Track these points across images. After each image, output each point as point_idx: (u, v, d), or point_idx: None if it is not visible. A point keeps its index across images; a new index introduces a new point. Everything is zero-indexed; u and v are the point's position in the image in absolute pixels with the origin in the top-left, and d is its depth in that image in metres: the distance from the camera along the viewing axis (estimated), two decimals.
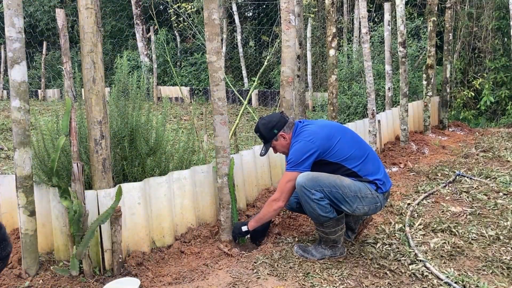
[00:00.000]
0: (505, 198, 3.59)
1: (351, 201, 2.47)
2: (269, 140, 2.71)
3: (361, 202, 2.49)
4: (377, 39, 8.35)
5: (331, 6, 4.19)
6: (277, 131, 2.66)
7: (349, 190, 2.47)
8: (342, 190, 2.46)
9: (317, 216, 2.49)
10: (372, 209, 2.55)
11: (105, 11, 15.45)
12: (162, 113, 3.28)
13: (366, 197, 2.50)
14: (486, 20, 8.01)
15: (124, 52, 3.65)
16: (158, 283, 2.41)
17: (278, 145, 2.72)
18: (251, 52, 14.53)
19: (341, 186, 2.46)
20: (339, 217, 2.55)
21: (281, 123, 2.67)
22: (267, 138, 2.70)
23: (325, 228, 2.54)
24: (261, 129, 2.70)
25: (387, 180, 2.60)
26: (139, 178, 2.98)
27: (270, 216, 2.67)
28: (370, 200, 2.51)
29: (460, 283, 2.29)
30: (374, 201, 2.52)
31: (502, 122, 7.47)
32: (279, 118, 2.69)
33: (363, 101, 6.96)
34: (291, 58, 3.30)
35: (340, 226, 2.57)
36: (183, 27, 10.05)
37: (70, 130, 2.39)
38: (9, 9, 2.28)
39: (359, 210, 2.51)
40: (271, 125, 2.67)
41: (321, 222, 2.52)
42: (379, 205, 2.56)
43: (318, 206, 2.46)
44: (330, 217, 2.49)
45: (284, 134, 2.66)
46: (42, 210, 2.61)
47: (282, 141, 2.68)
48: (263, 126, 2.70)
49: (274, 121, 2.67)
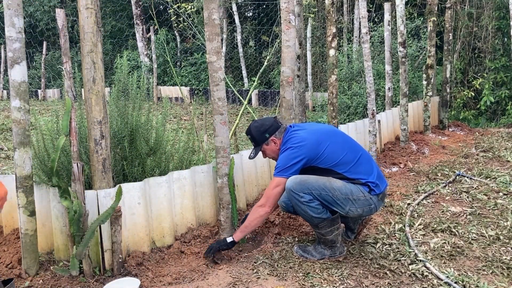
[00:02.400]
0: (505, 198, 3.59)
1: (342, 204, 2.45)
2: (260, 144, 2.67)
3: (354, 205, 2.47)
4: (377, 39, 8.35)
5: (331, 6, 4.19)
6: (269, 136, 2.63)
7: (340, 192, 2.44)
8: (332, 192, 2.44)
9: (310, 217, 2.49)
10: (367, 211, 2.53)
11: (105, 11, 15.46)
12: (162, 113, 3.28)
13: (359, 199, 2.47)
14: (486, 20, 8.01)
15: (124, 52, 3.65)
16: (158, 283, 2.41)
17: (268, 150, 2.69)
18: (251, 52, 14.52)
19: (331, 188, 2.44)
20: (333, 217, 2.53)
21: (273, 128, 2.64)
22: (258, 141, 2.67)
23: (320, 229, 2.54)
24: (253, 132, 2.67)
25: (381, 182, 2.56)
26: (139, 178, 2.98)
27: (256, 223, 2.59)
28: (363, 202, 2.48)
29: (460, 283, 2.29)
30: (368, 203, 2.49)
31: (502, 122, 7.46)
32: (272, 122, 2.66)
33: (363, 101, 6.96)
34: (291, 58, 3.30)
35: (335, 226, 2.56)
36: (183, 27, 10.05)
37: (70, 130, 2.39)
38: (9, 9, 2.28)
39: (353, 212, 2.49)
40: (263, 129, 2.64)
41: (315, 224, 2.52)
42: (374, 207, 2.53)
43: (309, 208, 2.45)
44: (324, 218, 2.49)
45: (275, 139, 2.64)
46: (42, 210, 2.61)
47: (272, 146, 2.66)
48: (255, 129, 2.66)
49: (266, 125, 2.64)
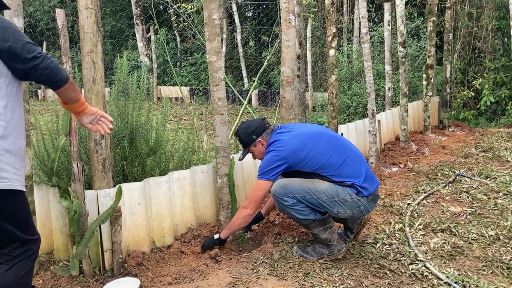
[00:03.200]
0: (505, 198, 3.59)
1: (329, 206, 2.44)
2: (248, 145, 2.68)
3: (341, 206, 2.45)
4: (377, 39, 8.34)
5: (331, 6, 4.18)
6: (256, 137, 2.64)
7: (325, 195, 2.43)
8: (317, 195, 2.42)
9: (297, 220, 2.50)
10: (356, 213, 2.50)
11: (105, 11, 15.46)
12: (162, 113, 3.28)
13: (346, 201, 2.44)
14: (486, 20, 8.00)
15: (124, 52, 3.65)
16: (158, 283, 2.41)
17: (256, 151, 2.69)
18: (251, 52, 14.52)
19: (315, 191, 2.43)
20: (324, 217, 2.52)
21: (260, 129, 2.64)
22: (245, 143, 2.68)
23: (312, 229, 2.54)
24: (240, 133, 2.68)
25: (370, 183, 2.51)
26: (139, 178, 2.98)
27: (240, 223, 2.61)
28: (350, 204, 2.45)
29: (460, 283, 2.29)
30: (356, 205, 2.46)
31: (502, 122, 7.46)
32: (259, 124, 2.66)
33: (363, 101, 6.95)
34: (291, 58, 3.30)
35: (327, 225, 2.54)
36: (183, 27, 10.05)
37: (70, 130, 2.40)
38: (9, 9, 2.27)
39: (342, 214, 2.48)
40: (250, 130, 2.64)
41: (305, 225, 2.53)
42: (363, 209, 2.50)
43: (294, 211, 2.45)
44: (312, 219, 2.48)
45: (262, 140, 2.64)
46: (42, 210, 2.61)
47: (259, 148, 2.66)
48: (242, 131, 2.67)
49: (253, 126, 2.65)
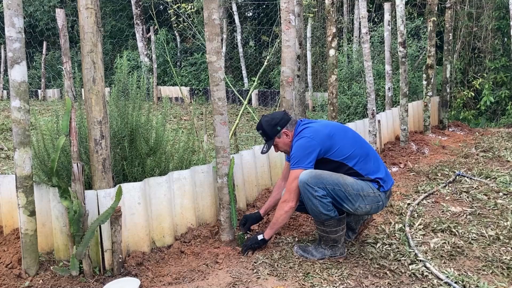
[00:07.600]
0: (505, 198, 3.59)
1: (353, 200, 2.48)
2: (272, 137, 2.69)
3: (363, 201, 2.50)
4: (377, 39, 8.34)
5: (331, 6, 4.18)
6: (280, 128, 2.66)
7: (352, 188, 2.48)
8: (345, 188, 2.46)
9: (318, 213, 2.49)
10: (374, 208, 2.55)
11: (105, 11, 15.46)
12: (162, 113, 3.28)
13: (369, 195, 2.50)
14: (486, 20, 8.00)
15: (124, 52, 3.65)
16: (158, 283, 2.41)
17: (280, 143, 2.71)
18: (251, 52, 14.52)
19: (344, 184, 2.47)
20: (340, 217, 2.55)
21: (284, 120, 2.67)
22: (270, 135, 2.69)
23: (326, 227, 2.55)
24: (264, 126, 2.69)
25: (388, 179, 2.61)
26: (139, 178, 2.98)
27: (283, 219, 2.61)
28: (372, 199, 2.52)
29: (460, 283, 2.29)
30: (376, 200, 2.53)
31: (502, 122, 7.46)
32: (282, 115, 2.70)
33: (363, 101, 6.96)
34: (291, 58, 3.30)
35: (341, 226, 2.57)
36: (183, 27, 10.05)
37: (70, 130, 2.39)
38: (9, 9, 2.27)
39: (361, 209, 2.51)
40: (274, 122, 2.67)
41: (322, 220, 2.52)
42: (381, 204, 2.57)
43: (320, 204, 2.46)
44: (331, 216, 2.50)
45: (287, 131, 2.67)
46: (42, 210, 2.61)
47: (284, 139, 2.68)
48: (266, 123, 2.69)
49: (277, 118, 2.68)
